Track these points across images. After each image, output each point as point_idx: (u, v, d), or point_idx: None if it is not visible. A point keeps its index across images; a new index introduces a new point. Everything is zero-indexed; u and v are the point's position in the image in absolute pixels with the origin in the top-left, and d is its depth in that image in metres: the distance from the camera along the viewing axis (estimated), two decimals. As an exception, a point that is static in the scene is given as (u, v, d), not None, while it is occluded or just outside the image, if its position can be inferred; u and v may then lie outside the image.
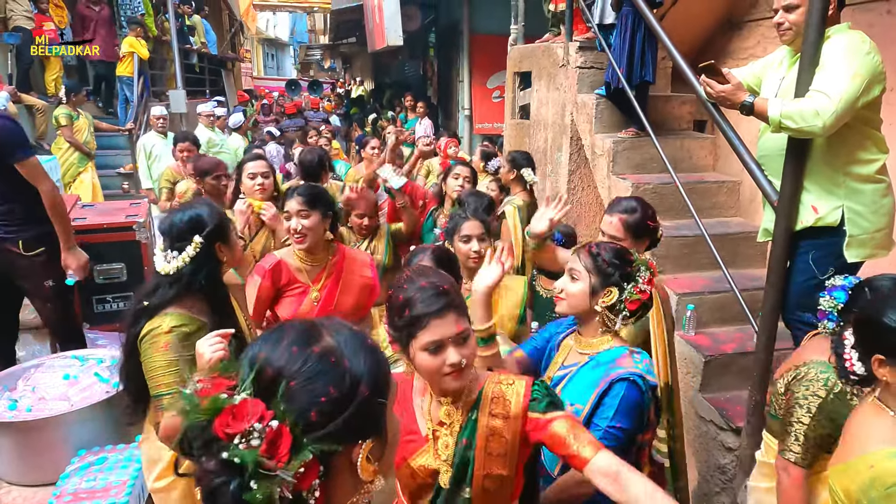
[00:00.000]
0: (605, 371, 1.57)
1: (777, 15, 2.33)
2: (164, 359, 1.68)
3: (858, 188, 2.23)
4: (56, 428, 2.48)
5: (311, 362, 0.75)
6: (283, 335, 0.78)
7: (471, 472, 1.34)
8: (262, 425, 0.68)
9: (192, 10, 11.84)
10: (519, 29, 5.43)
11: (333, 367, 0.75)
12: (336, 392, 0.74)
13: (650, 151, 3.66)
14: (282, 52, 35.75)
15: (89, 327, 3.76)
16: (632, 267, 1.64)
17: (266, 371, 0.74)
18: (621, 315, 1.62)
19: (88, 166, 6.54)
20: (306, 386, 0.73)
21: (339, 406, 0.74)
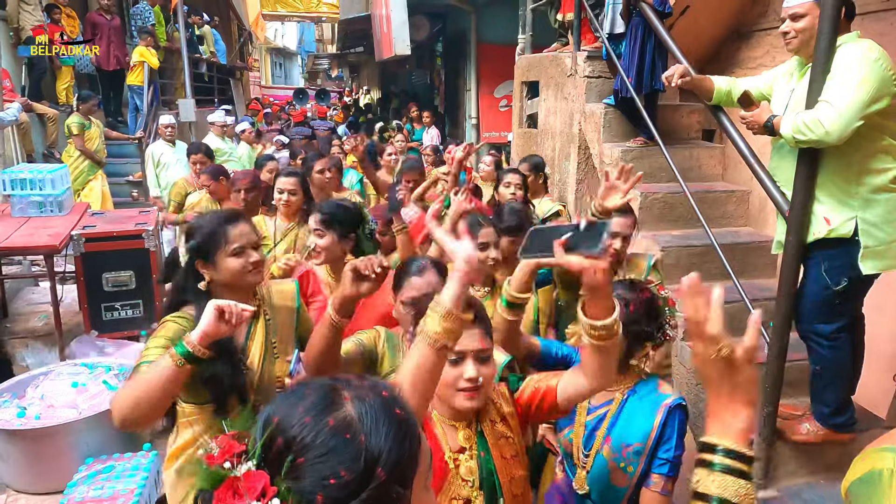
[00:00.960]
0: (653, 401, 1.56)
1: (783, 24, 2.33)
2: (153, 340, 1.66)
3: (873, 199, 2.21)
4: (64, 436, 2.48)
5: (323, 436, 0.65)
6: (301, 398, 0.70)
7: (498, 484, 1.34)
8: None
9: (201, 20, 11.96)
10: (527, 39, 5.44)
11: (347, 443, 0.66)
12: (347, 475, 0.64)
13: (659, 161, 3.65)
14: (289, 61, 36.03)
15: (98, 335, 3.77)
16: (660, 317, 1.63)
17: (277, 439, 0.66)
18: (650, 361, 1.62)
19: (98, 174, 6.60)
20: (315, 464, 0.64)
21: (350, 491, 0.64)
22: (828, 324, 2.31)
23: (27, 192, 3.99)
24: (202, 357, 1.42)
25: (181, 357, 1.41)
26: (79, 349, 3.64)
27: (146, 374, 1.45)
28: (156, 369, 1.43)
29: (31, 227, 3.77)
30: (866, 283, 2.32)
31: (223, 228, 1.71)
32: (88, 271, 3.70)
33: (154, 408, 1.46)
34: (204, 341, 1.41)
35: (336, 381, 0.73)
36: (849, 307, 2.34)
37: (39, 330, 4.23)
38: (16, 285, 4.96)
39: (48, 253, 3.45)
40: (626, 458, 1.58)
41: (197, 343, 1.40)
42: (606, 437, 1.62)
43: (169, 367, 1.41)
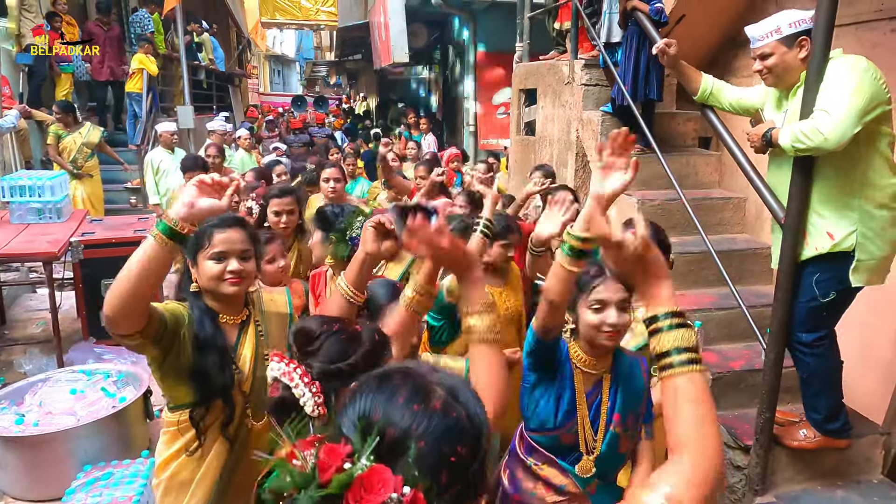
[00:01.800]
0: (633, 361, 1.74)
1: (756, 63, 2.39)
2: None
3: (871, 213, 2.23)
4: (62, 443, 2.49)
5: (437, 419, 0.70)
6: (395, 391, 0.73)
7: None
8: (398, 495, 0.64)
9: (200, 28, 12.00)
10: (524, 47, 5.48)
11: (458, 421, 0.72)
12: (464, 449, 0.70)
13: (656, 168, 3.67)
14: (288, 68, 36.13)
15: (96, 341, 3.77)
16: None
17: (389, 432, 0.69)
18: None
19: (77, 184, 6.40)
20: (437, 446, 0.69)
21: (467, 463, 0.71)
22: (809, 333, 2.35)
23: (26, 199, 4.01)
24: (182, 232, 1.37)
25: (160, 232, 1.36)
26: (77, 356, 3.64)
27: (128, 261, 1.39)
28: (137, 252, 1.38)
29: (29, 233, 3.78)
30: (851, 296, 2.35)
31: (210, 231, 1.66)
32: (87, 278, 3.71)
33: (136, 294, 1.38)
34: (186, 216, 1.37)
35: (408, 369, 0.79)
36: (832, 319, 2.37)
37: (37, 336, 4.23)
38: (14, 292, 4.96)
39: (47, 260, 3.46)
40: (632, 426, 1.72)
41: (178, 217, 1.36)
42: (614, 415, 1.70)
43: (149, 243, 1.36)
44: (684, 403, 0.92)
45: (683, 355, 0.95)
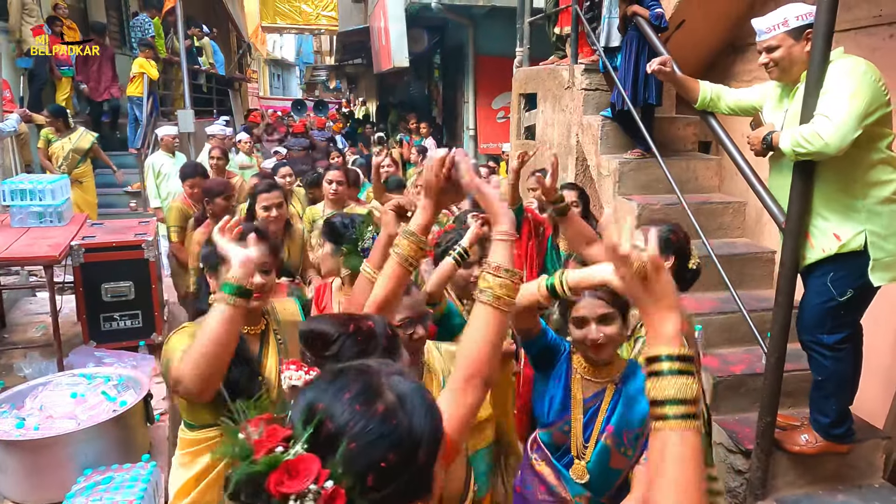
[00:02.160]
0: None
1: (761, 56, 2.40)
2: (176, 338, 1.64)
3: (877, 210, 2.23)
4: (63, 447, 2.47)
5: (374, 423, 0.70)
6: (344, 386, 0.74)
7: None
8: (318, 486, 0.65)
9: (201, 32, 12.03)
10: (524, 51, 5.50)
11: (395, 429, 0.71)
12: (396, 458, 0.70)
13: (656, 172, 3.69)
14: (287, 72, 36.20)
15: (96, 345, 3.76)
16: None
17: (326, 425, 0.70)
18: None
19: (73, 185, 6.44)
20: (367, 449, 0.69)
21: (397, 471, 0.70)
22: (831, 334, 2.33)
23: (27, 203, 4.00)
24: (251, 289, 1.41)
25: (231, 295, 1.39)
26: (77, 360, 3.63)
27: (201, 334, 1.40)
28: (209, 324, 1.40)
29: (30, 237, 3.77)
30: (871, 294, 2.34)
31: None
32: (87, 282, 3.70)
33: (223, 361, 1.42)
34: (247, 272, 1.41)
35: (368, 367, 0.78)
36: (852, 318, 2.36)
37: (37, 340, 4.22)
38: (13, 295, 4.96)
39: (48, 263, 3.45)
40: (627, 443, 1.66)
41: (240, 276, 1.40)
42: (608, 426, 1.67)
43: (223, 312, 1.39)
44: (671, 462, 0.84)
45: (680, 408, 0.86)
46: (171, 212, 4.33)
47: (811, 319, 2.38)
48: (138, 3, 11.10)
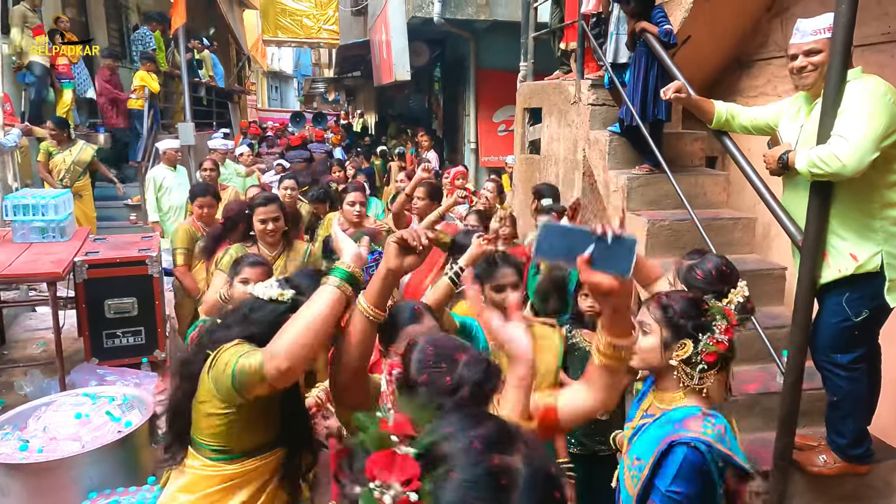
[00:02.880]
0: (669, 431, 1.49)
1: (797, 59, 2.36)
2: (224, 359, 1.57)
3: (894, 232, 2.23)
4: (67, 470, 2.42)
5: (482, 470, 0.68)
6: (479, 423, 0.74)
7: None
8: (404, 490, 0.66)
9: (201, 45, 12.07)
10: (528, 66, 5.51)
11: (499, 489, 0.68)
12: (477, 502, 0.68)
13: (664, 188, 3.67)
14: (286, 84, 36.33)
15: (98, 362, 3.71)
16: (706, 316, 1.55)
17: (440, 447, 0.70)
18: (699, 368, 1.52)
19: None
20: (463, 486, 0.67)
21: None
22: (845, 354, 2.31)
23: (29, 218, 3.96)
24: (360, 279, 1.44)
25: (342, 280, 1.40)
26: (79, 377, 3.58)
27: (304, 311, 1.40)
28: (314, 301, 1.40)
29: (33, 253, 3.73)
30: (886, 314, 2.33)
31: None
32: (90, 298, 3.65)
33: (315, 342, 1.39)
34: (357, 264, 1.43)
35: (515, 427, 0.77)
36: (867, 337, 2.34)
37: (38, 357, 4.16)
38: (12, 311, 4.89)
39: (51, 280, 3.40)
40: (634, 470, 1.60)
41: (352, 265, 1.42)
42: (629, 444, 1.67)
43: (331, 293, 1.40)
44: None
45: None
46: (177, 233, 4.07)
47: (825, 339, 2.36)
48: (139, 17, 11.13)
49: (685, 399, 1.55)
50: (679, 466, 1.43)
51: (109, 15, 10.40)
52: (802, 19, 2.37)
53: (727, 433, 1.47)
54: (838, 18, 2.11)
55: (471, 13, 7.75)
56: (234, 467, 1.53)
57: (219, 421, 1.51)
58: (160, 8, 10.07)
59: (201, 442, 1.57)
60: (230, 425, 1.51)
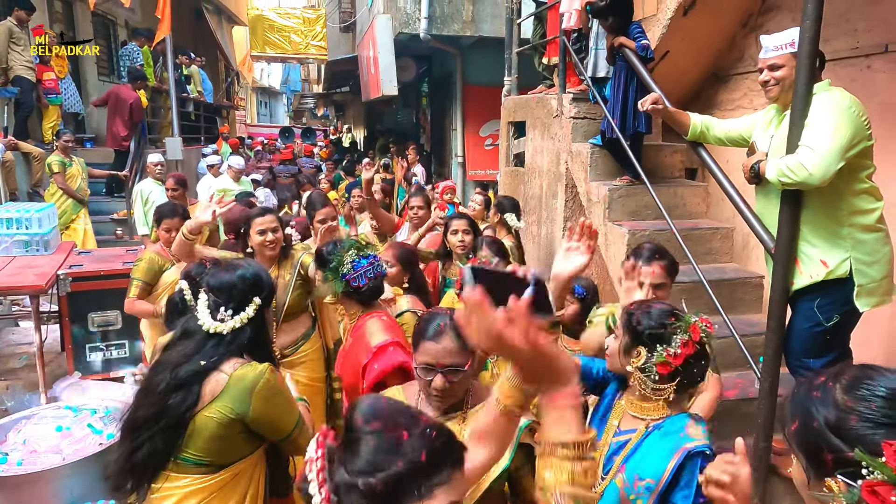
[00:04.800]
0: (675, 442, 1.44)
1: (762, 73, 2.45)
2: (284, 397, 1.72)
3: (861, 238, 2.29)
4: (48, 482, 2.40)
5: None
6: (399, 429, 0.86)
7: None
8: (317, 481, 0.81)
9: (189, 60, 12.11)
10: (513, 81, 5.60)
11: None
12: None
13: (644, 199, 3.74)
14: (274, 99, 36.45)
15: (81, 376, 3.69)
16: (666, 328, 1.51)
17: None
18: (652, 378, 1.50)
19: (82, 213, 6.55)
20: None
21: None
22: (818, 358, 2.36)
23: (13, 231, 3.96)
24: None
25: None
26: (62, 391, 3.56)
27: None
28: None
29: (16, 266, 3.72)
30: (856, 319, 2.38)
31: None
32: (74, 311, 3.65)
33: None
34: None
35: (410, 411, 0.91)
36: (839, 342, 2.40)
37: (19, 371, 4.13)
38: (-5, 326, 4.86)
39: (34, 293, 3.40)
40: (637, 492, 1.51)
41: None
42: (622, 466, 1.56)
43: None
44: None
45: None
46: (139, 263, 3.36)
47: (798, 344, 2.41)
48: (127, 33, 11.17)
49: (664, 410, 1.52)
50: (696, 477, 1.38)
51: (97, 31, 10.43)
52: (765, 35, 2.46)
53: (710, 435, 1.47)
54: (803, 33, 2.18)
55: (457, 29, 7.87)
56: (224, 474, 1.63)
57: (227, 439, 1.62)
58: (148, 24, 10.12)
59: (189, 458, 1.61)
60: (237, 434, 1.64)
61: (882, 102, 3.10)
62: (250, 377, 1.65)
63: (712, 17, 3.97)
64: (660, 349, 1.49)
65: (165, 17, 7.63)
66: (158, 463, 1.60)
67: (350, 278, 2.25)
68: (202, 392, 1.62)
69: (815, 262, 2.33)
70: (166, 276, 3.34)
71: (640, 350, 1.52)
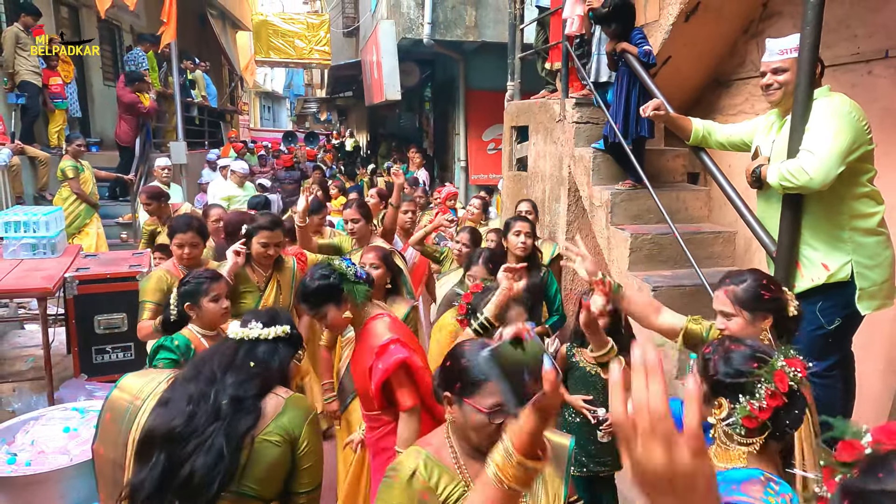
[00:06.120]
0: (724, 492, 1.28)
1: (766, 77, 2.47)
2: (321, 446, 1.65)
3: (862, 241, 2.31)
4: (55, 483, 2.43)
5: None
6: None
7: None
8: None
9: (193, 65, 12.19)
10: (515, 85, 5.64)
11: None
12: None
13: (647, 203, 3.76)
14: (278, 104, 36.59)
15: (88, 378, 3.72)
16: (749, 376, 1.34)
17: None
18: (737, 433, 1.32)
19: (94, 217, 6.60)
20: None
21: None
22: (820, 361, 2.37)
23: (20, 235, 3.99)
24: None
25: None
26: (67, 393, 3.58)
27: None
28: None
29: (23, 269, 3.75)
30: (857, 322, 2.40)
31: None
32: (80, 314, 3.68)
33: None
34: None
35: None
36: (840, 345, 2.41)
37: (26, 374, 4.16)
38: (1, 328, 4.89)
39: (42, 296, 3.43)
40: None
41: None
42: None
43: None
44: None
45: None
46: (148, 283, 3.08)
47: (800, 347, 2.42)
48: (132, 38, 11.24)
49: (741, 460, 1.35)
50: None
51: (103, 36, 10.52)
52: (771, 39, 2.48)
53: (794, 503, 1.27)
54: (804, 39, 2.21)
55: (459, 35, 7.91)
56: None
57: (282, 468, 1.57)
58: (153, 29, 10.19)
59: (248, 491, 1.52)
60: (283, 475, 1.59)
61: (883, 107, 3.12)
62: (304, 405, 1.64)
63: (714, 22, 4.00)
64: (743, 401, 1.33)
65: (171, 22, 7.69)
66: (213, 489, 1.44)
67: (359, 275, 2.25)
68: (263, 410, 1.56)
69: (817, 266, 2.34)
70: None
71: (720, 402, 1.36)
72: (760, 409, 1.30)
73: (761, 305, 1.81)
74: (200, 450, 1.45)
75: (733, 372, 1.36)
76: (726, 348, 1.42)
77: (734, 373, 1.36)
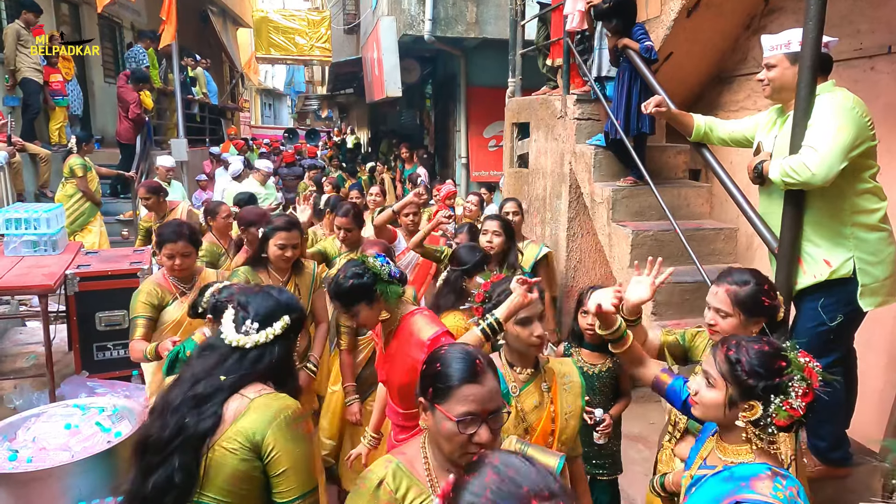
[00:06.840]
0: (733, 489, 1.30)
1: (761, 72, 2.48)
2: (308, 448, 1.53)
3: (865, 238, 2.30)
4: (57, 479, 2.43)
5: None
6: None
7: None
8: None
9: (194, 62, 12.18)
10: (516, 82, 5.62)
11: None
12: None
13: (648, 199, 3.75)
14: (279, 101, 36.55)
15: (89, 375, 3.72)
16: (782, 376, 1.34)
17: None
18: (769, 431, 1.34)
19: (97, 215, 6.59)
20: None
21: None
22: (822, 358, 2.36)
23: (21, 232, 3.99)
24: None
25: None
26: (69, 390, 3.58)
27: None
28: None
29: (24, 266, 3.76)
30: (860, 318, 2.39)
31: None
32: (81, 311, 3.68)
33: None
34: None
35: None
36: (842, 341, 2.40)
37: (27, 370, 4.17)
38: (2, 325, 4.90)
39: (43, 293, 3.43)
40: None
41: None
42: (684, 496, 1.49)
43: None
44: None
45: None
46: (138, 297, 2.85)
47: (802, 344, 2.40)
48: (133, 35, 11.24)
49: (752, 455, 1.37)
50: None
51: (103, 33, 10.51)
52: (765, 35, 2.49)
53: (801, 496, 1.27)
54: (806, 35, 2.20)
55: (460, 31, 7.89)
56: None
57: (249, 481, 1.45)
58: (154, 26, 10.18)
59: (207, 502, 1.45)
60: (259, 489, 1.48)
61: (886, 103, 3.11)
62: (275, 406, 1.49)
63: (715, 18, 3.99)
64: (777, 402, 1.33)
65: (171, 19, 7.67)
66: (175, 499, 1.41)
67: (393, 274, 2.18)
68: (223, 415, 1.46)
69: (819, 262, 2.34)
70: (169, 313, 2.87)
71: (753, 404, 1.35)
72: (794, 409, 1.31)
73: (759, 311, 1.83)
74: (162, 464, 1.42)
75: (765, 373, 1.34)
76: (749, 350, 1.39)
77: (766, 374, 1.34)
